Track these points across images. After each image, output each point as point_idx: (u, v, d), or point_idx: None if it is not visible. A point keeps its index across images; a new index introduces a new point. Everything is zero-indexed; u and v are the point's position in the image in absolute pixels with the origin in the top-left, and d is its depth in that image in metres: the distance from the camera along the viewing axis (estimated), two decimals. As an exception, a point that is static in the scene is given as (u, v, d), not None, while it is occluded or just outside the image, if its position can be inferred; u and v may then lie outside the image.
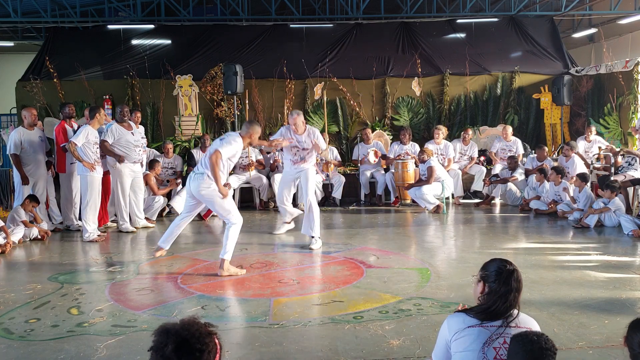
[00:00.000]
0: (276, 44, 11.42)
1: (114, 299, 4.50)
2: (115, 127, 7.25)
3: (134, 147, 7.36)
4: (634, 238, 6.44)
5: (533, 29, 11.90)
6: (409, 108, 10.92)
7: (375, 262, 5.56)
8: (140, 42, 11.55)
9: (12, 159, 7.31)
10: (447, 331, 2.32)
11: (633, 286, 4.62)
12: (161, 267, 5.58)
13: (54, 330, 3.83)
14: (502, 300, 2.27)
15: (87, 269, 5.58)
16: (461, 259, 5.67)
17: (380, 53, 11.33)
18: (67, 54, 11.10)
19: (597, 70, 10.49)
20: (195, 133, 10.42)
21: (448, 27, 11.93)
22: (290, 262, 5.68)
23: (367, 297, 4.41)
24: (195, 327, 1.70)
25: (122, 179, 7.29)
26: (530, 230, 7.18)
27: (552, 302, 4.19)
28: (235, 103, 10.29)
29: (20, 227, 6.70)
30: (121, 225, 7.38)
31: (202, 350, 1.66)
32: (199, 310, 4.17)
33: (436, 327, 3.56)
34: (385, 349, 3.38)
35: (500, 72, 11.08)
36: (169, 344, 1.63)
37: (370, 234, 7.10)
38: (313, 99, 10.84)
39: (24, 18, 11.84)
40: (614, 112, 10.09)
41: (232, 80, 9.63)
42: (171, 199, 8.70)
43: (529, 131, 11.12)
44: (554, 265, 5.32)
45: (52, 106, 10.51)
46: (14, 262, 5.93)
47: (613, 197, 7.09)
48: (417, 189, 8.55)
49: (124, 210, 7.36)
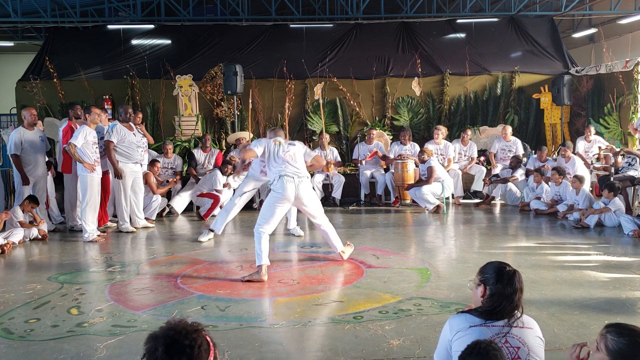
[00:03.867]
0: (276, 44, 11.42)
1: (114, 299, 4.50)
2: (119, 127, 7.25)
3: (136, 148, 7.37)
4: (634, 238, 6.44)
5: (533, 29, 11.90)
6: (409, 108, 10.92)
7: (375, 262, 5.55)
8: (140, 42, 11.55)
9: (12, 159, 7.30)
10: (448, 331, 2.33)
11: (633, 286, 4.62)
12: (161, 267, 5.57)
13: (54, 330, 3.83)
14: (508, 301, 2.27)
15: (87, 269, 5.58)
16: (461, 259, 5.67)
17: (380, 53, 11.34)
18: (67, 54, 11.10)
19: (597, 70, 10.49)
20: (195, 133, 10.42)
21: (448, 27, 11.94)
22: (290, 262, 5.68)
23: (367, 297, 4.40)
24: (181, 325, 1.73)
25: (122, 179, 7.28)
26: (530, 230, 7.18)
27: (552, 302, 4.19)
28: (235, 103, 10.30)
29: (19, 228, 6.69)
30: (121, 225, 7.38)
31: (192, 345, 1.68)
32: (199, 310, 4.17)
33: (436, 327, 3.57)
34: (385, 349, 3.38)
35: (500, 72, 11.08)
36: (158, 347, 1.66)
37: (370, 234, 7.10)
38: (313, 99, 10.85)
39: (24, 18, 11.85)
40: (614, 112, 10.09)
41: (232, 80, 9.64)
42: (171, 198, 8.71)
43: (529, 131, 11.12)
44: (554, 265, 5.31)
45: (52, 106, 10.52)
46: (14, 262, 5.93)
47: (612, 197, 7.08)
48: (417, 189, 8.55)
49: (124, 210, 7.36)
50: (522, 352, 2.24)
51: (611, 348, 1.97)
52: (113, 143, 7.17)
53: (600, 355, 2.00)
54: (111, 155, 7.16)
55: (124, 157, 7.27)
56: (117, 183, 7.30)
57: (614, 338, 1.97)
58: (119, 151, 7.23)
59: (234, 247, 6.52)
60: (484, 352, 1.98)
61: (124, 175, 7.26)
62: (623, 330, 1.98)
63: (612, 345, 1.96)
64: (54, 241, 6.96)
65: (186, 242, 6.82)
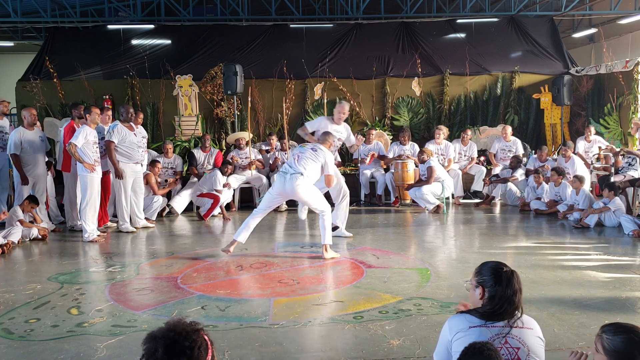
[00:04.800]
0: (276, 44, 11.42)
1: (114, 299, 4.50)
2: (120, 127, 7.25)
3: (137, 148, 7.37)
4: (634, 238, 6.44)
5: (533, 29, 11.90)
6: (409, 108, 10.93)
7: (375, 262, 5.56)
8: (140, 42, 11.55)
9: (12, 159, 7.31)
10: (448, 332, 2.32)
11: (633, 286, 4.62)
12: (161, 267, 5.57)
13: (54, 330, 3.83)
14: (509, 303, 2.27)
15: (87, 269, 5.58)
16: (461, 259, 5.67)
17: (380, 53, 11.34)
18: (67, 54, 11.11)
19: (597, 70, 10.49)
20: (195, 133, 10.42)
21: (448, 27, 11.94)
22: (290, 262, 5.68)
23: (367, 297, 4.40)
24: (181, 326, 1.71)
25: (123, 180, 7.29)
26: (530, 230, 7.18)
27: (552, 302, 4.19)
28: (235, 103, 10.30)
29: (18, 227, 6.69)
30: (121, 225, 7.37)
31: (192, 347, 1.67)
32: (199, 310, 4.17)
33: (436, 327, 3.57)
34: (385, 349, 3.38)
35: (500, 72, 11.08)
36: (158, 348, 1.65)
37: (370, 234, 7.10)
38: (313, 99, 10.85)
39: (24, 18, 11.85)
40: (614, 112, 10.09)
41: (232, 80, 9.64)
42: (171, 199, 8.70)
43: (529, 131, 11.12)
44: (554, 265, 5.31)
45: (52, 106, 10.52)
46: (14, 262, 5.93)
47: (612, 197, 7.08)
48: (417, 189, 8.55)
49: (124, 210, 7.36)
50: (521, 352, 2.24)
51: (607, 347, 1.97)
52: (114, 143, 7.17)
53: (600, 356, 2.01)
54: (112, 155, 7.16)
55: (125, 157, 7.27)
56: (118, 183, 7.30)
57: (609, 337, 1.98)
58: (119, 151, 7.23)
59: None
60: (478, 352, 2.01)
61: (125, 175, 7.26)
62: (618, 329, 2.00)
63: (608, 344, 1.97)
64: (54, 241, 6.96)
65: (186, 242, 6.82)
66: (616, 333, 1.98)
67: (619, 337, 1.97)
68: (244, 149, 9.39)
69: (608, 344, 1.98)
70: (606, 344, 1.98)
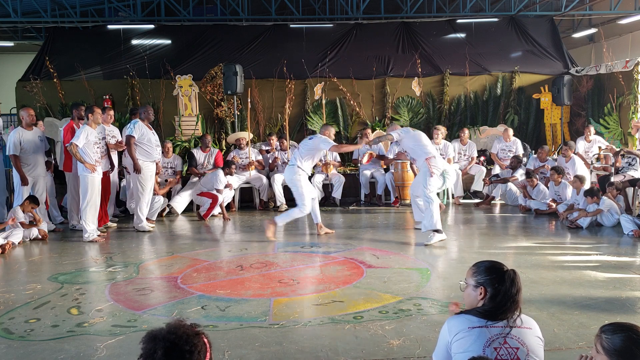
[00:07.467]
0: (276, 44, 11.42)
1: (114, 299, 4.50)
2: (140, 124, 7.34)
3: (155, 147, 7.43)
4: (634, 238, 6.44)
5: (533, 29, 11.90)
6: (409, 108, 10.93)
7: (375, 262, 5.56)
8: (140, 42, 11.55)
9: (11, 159, 7.30)
10: (447, 333, 2.31)
11: (633, 286, 4.62)
12: (161, 267, 5.58)
13: (54, 330, 3.83)
14: (512, 301, 2.27)
15: (87, 269, 5.58)
16: (461, 259, 5.67)
17: (380, 53, 11.34)
18: (67, 54, 11.10)
19: (597, 70, 10.50)
20: (195, 133, 10.42)
21: (448, 27, 11.94)
22: (290, 262, 5.68)
23: (367, 297, 4.40)
24: (182, 329, 1.69)
25: (144, 179, 7.35)
26: (530, 230, 7.18)
27: (552, 302, 4.19)
28: (235, 103, 10.30)
29: (19, 228, 6.69)
30: (138, 224, 7.40)
31: (192, 351, 1.66)
32: (199, 310, 4.17)
33: (436, 327, 3.57)
34: (385, 349, 3.38)
35: (500, 72, 11.08)
36: (157, 350, 1.64)
37: (371, 234, 7.10)
38: (313, 99, 10.84)
39: (24, 18, 11.85)
40: (614, 112, 10.09)
41: (232, 80, 9.64)
42: (171, 198, 8.70)
43: (529, 131, 11.12)
44: (554, 265, 5.31)
45: (52, 106, 10.52)
46: (14, 262, 5.93)
47: (596, 201, 7.07)
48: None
49: (145, 209, 7.42)
50: (521, 352, 2.23)
51: (607, 347, 1.98)
52: (134, 138, 7.22)
53: (600, 356, 2.01)
54: (132, 150, 7.20)
55: (144, 155, 7.33)
56: (138, 183, 7.34)
57: (608, 337, 1.99)
58: (139, 149, 7.28)
59: (234, 247, 6.52)
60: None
61: (144, 172, 7.31)
62: (616, 328, 2.00)
63: (607, 344, 1.98)
64: (54, 241, 6.96)
65: (186, 242, 6.82)
66: (615, 332, 1.99)
67: (617, 336, 1.97)
68: (244, 149, 9.40)
69: (607, 343, 1.98)
70: (605, 343, 1.98)
